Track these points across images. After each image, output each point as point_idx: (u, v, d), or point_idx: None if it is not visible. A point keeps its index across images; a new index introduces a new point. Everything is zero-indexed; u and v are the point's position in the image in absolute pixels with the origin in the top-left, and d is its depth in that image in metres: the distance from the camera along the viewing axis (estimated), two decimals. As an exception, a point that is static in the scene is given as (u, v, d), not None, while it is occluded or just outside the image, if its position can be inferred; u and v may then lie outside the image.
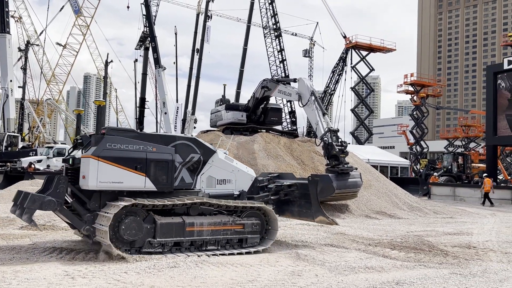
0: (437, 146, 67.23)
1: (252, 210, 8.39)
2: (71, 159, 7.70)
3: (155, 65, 38.35)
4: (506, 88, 29.00)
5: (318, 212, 8.88)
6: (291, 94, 16.76)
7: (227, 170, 8.70)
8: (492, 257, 8.58)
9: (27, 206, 6.95)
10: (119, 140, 7.41)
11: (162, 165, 7.65)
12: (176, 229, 7.46)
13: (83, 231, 7.35)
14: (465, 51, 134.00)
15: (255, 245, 8.26)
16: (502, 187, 27.73)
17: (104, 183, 7.16)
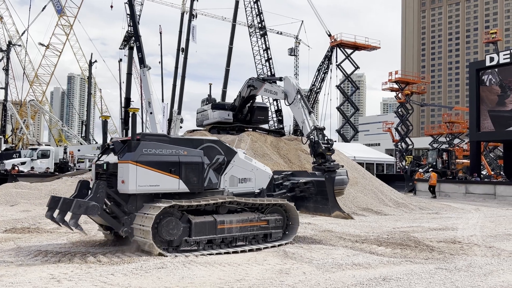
0: (422, 142, 68.03)
1: (274, 206, 8.87)
2: (105, 164, 7.93)
3: (139, 65, 37.98)
4: (496, 84, 29.41)
5: (335, 207, 9.59)
6: (277, 92, 16.73)
7: (247, 169, 9.13)
8: (476, 252, 8.71)
9: (73, 212, 7.23)
10: (154, 145, 7.79)
11: (193, 167, 8.04)
12: (208, 227, 7.86)
13: (122, 232, 7.67)
14: (448, 49, 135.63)
15: (278, 239, 8.80)
16: (486, 182, 28.14)
17: (143, 187, 7.53)
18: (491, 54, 30.18)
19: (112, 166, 7.81)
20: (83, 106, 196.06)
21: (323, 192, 9.66)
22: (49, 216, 8.05)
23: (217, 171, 8.60)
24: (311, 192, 9.85)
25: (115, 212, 7.74)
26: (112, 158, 8.06)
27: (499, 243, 9.92)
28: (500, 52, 29.58)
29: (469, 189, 26.62)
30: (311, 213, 10.12)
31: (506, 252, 8.77)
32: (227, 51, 47.24)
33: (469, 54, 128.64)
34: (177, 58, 48.84)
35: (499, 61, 28.70)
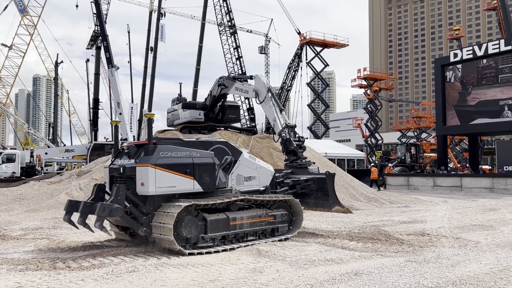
0: (391, 137, 69.36)
1: (279, 202, 9.41)
2: (122, 168, 8.31)
3: (107, 65, 37.33)
4: (457, 80, 30.25)
5: (335, 202, 10.32)
6: (248, 91, 16.76)
7: (252, 168, 9.59)
8: (444, 243, 8.95)
9: (98, 214, 7.59)
10: (169, 148, 8.18)
11: (206, 168, 8.45)
12: (222, 224, 8.27)
13: (141, 232, 7.96)
14: (414, 45, 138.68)
15: (284, 233, 9.34)
16: (453, 175, 28.95)
17: (161, 188, 7.89)
18: (455, 50, 31.03)
19: (129, 170, 8.15)
20: (50, 108, 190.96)
21: (324, 188, 10.34)
22: (67, 220, 8.42)
23: (225, 170, 9.01)
24: (311, 188, 10.51)
25: (134, 213, 8.03)
26: (127, 161, 8.36)
27: (466, 234, 10.22)
28: (463, 48, 30.46)
29: (437, 182, 27.34)
30: (312, 208, 10.65)
31: (472, 242, 9.04)
32: (197, 49, 46.96)
33: (434, 50, 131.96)
34: (146, 58, 48.28)
35: (463, 57, 29.55)
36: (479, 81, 28.94)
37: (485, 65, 28.65)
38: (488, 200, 20.00)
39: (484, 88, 28.59)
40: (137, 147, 8.43)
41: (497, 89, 27.89)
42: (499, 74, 27.82)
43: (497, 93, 27.91)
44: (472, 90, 29.19)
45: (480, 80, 28.89)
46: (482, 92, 28.68)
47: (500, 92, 27.73)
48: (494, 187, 24.84)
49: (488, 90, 28.36)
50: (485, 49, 28.36)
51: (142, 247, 8.25)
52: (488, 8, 43.43)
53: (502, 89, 27.63)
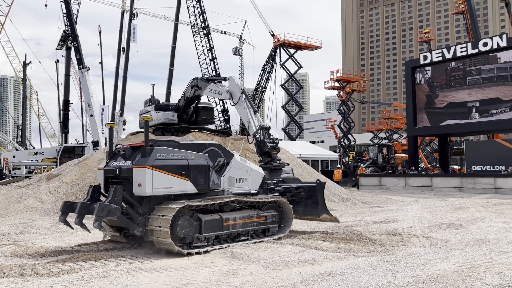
0: (364, 138, 70.39)
1: (270, 203, 9.76)
2: (118, 169, 8.44)
3: (78, 66, 36.59)
4: (425, 82, 30.92)
5: (323, 210, 10.51)
6: (221, 92, 16.68)
7: (243, 170, 9.84)
8: (415, 242, 9.12)
9: (97, 214, 7.72)
10: (166, 150, 8.36)
11: (200, 170, 8.66)
12: (216, 224, 8.52)
13: (137, 232, 8.10)
14: (385, 47, 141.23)
15: (275, 233, 9.66)
16: (423, 175, 29.58)
17: (158, 189, 8.06)
18: (425, 53, 31.74)
19: (125, 171, 8.30)
20: (18, 109, 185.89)
21: (313, 196, 10.56)
22: (63, 220, 8.61)
23: (218, 172, 9.22)
24: (301, 196, 10.70)
25: (130, 214, 8.14)
26: (123, 163, 8.51)
27: (436, 232, 10.45)
28: (433, 51, 31.20)
29: (408, 182, 27.89)
30: (300, 216, 10.80)
31: (442, 241, 9.25)
32: (170, 50, 46.57)
33: (405, 52, 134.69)
34: (118, 58, 47.58)
35: (432, 59, 30.24)
36: (448, 83, 29.68)
37: (454, 68, 29.41)
38: (457, 199, 20.52)
39: (452, 90, 29.34)
40: (132, 149, 8.61)
41: (465, 91, 28.66)
42: (467, 76, 28.60)
43: (465, 95, 28.68)
44: (441, 92, 29.91)
45: (449, 82, 29.63)
46: (451, 94, 29.42)
47: (468, 94, 28.51)
48: (463, 187, 25.51)
49: (456, 92, 29.11)
50: (453, 52, 29.11)
51: (117, 251, 8.13)
52: (456, 12, 44.65)
53: (470, 91, 28.41)
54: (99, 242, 9.22)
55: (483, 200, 19.62)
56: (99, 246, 8.94)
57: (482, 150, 29.58)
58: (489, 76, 27.47)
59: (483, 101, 27.60)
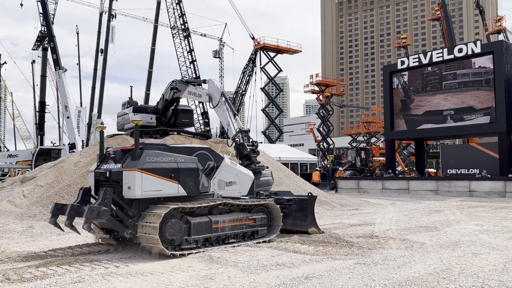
0: (342, 142, 71.11)
1: (259, 206, 9.86)
2: (108, 172, 8.51)
3: (54, 67, 35.95)
4: (402, 86, 31.40)
5: (312, 223, 10.60)
6: (201, 95, 16.61)
7: (233, 173, 10.01)
8: (392, 245, 9.22)
9: (87, 216, 7.76)
10: (155, 153, 8.42)
11: (190, 173, 8.74)
12: (205, 227, 8.62)
13: (126, 234, 8.21)
14: (364, 52, 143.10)
15: (264, 236, 9.77)
16: (400, 178, 30.01)
17: (147, 192, 8.12)
18: (402, 58, 32.24)
19: (115, 174, 8.37)
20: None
21: (304, 209, 10.62)
22: (53, 222, 8.66)
23: (207, 175, 9.36)
24: (292, 209, 10.74)
25: (120, 216, 8.24)
26: (113, 166, 8.57)
27: (412, 235, 10.59)
28: (410, 56, 31.71)
29: (386, 185, 28.25)
30: (289, 228, 10.73)
31: (418, 243, 9.38)
32: (150, 52, 46.22)
33: (383, 57, 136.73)
34: (96, 60, 46.95)
35: (409, 64, 30.75)
36: (424, 88, 30.21)
37: (430, 72, 29.96)
38: (433, 202, 20.86)
39: (429, 95, 29.87)
40: (123, 152, 8.69)
41: (441, 95, 29.21)
42: (443, 81, 29.16)
43: (441, 99, 29.23)
44: (418, 97, 30.42)
45: (425, 87, 30.17)
46: (427, 98, 29.95)
47: (444, 98, 29.07)
48: (438, 190, 25.97)
49: (432, 96, 29.65)
50: (430, 57, 29.66)
51: (92, 255, 7.99)
52: (432, 18, 45.50)
53: (446, 95, 28.97)
54: (74, 247, 9.05)
55: (458, 203, 20.01)
56: (74, 250, 8.76)
57: (457, 154, 30.21)
58: (464, 81, 28.08)
59: (458, 107, 28.17)
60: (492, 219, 13.75)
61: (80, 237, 10.57)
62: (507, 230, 11.30)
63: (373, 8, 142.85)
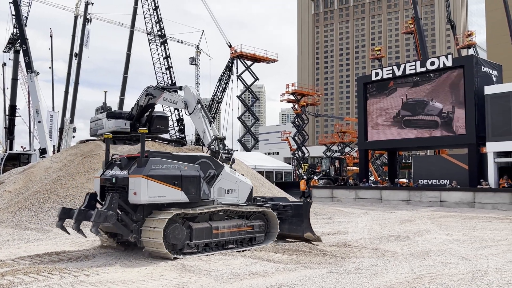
0: (317, 151, 71.69)
1: (257, 214, 10.22)
2: (114, 178, 8.90)
3: (26, 70, 35.13)
4: (376, 98, 31.93)
5: (307, 229, 10.84)
6: (177, 102, 16.52)
7: (232, 181, 10.40)
8: (364, 254, 9.32)
9: (94, 220, 8.13)
10: (160, 161, 8.82)
11: (192, 180, 9.15)
12: (206, 232, 8.99)
13: (131, 238, 8.59)
14: (339, 63, 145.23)
15: (261, 242, 10.12)
16: (373, 187, 30.43)
17: (152, 198, 8.49)
18: (376, 70, 32.85)
19: (121, 180, 8.75)
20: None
21: (300, 215, 10.91)
22: (60, 226, 9.07)
23: (208, 183, 9.75)
24: (288, 214, 11.04)
25: (125, 220, 8.59)
26: (119, 172, 8.95)
27: (384, 244, 10.74)
28: (384, 68, 32.33)
29: (359, 194, 28.59)
30: (284, 233, 11.01)
31: (390, 252, 9.51)
32: (125, 57, 45.71)
33: (357, 68, 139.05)
34: (70, 64, 46.10)
35: (383, 76, 31.35)
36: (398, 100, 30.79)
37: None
38: (405, 211, 21.22)
39: (401, 107, 30.44)
40: (128, 159, 9.09)
41: (413, 107, 29.82)
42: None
43: (412, 111, 29.83)
44: (391, 108, 30.97)
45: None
46: (400, 110, 30.50)
47: (415, 110, 29.68)
48: (410, 199, 26.44)
49: (405, 108, 30.22)
50: (403, 69, 30.30)
51: (62, 263, 7.77)
52: (406, 32, 46.62)
53: (418, 107, 29.60)
54: (42, 254, 8.81)
55: (429, 213, 20.40)
56: (42, 258, 8.53)
57: (429, 165, 30.85)
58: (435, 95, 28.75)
59: (426, 120, 28.84)
60: (462, 229, 14.08)
61: (50, 244, 10.30)
62: (476, 240, 11.58)
63: (348, 20, 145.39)
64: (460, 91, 27.32)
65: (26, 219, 13.21)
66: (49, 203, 13.95)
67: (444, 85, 28.27)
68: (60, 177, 15.51)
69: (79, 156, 17.57)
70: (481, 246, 10.51)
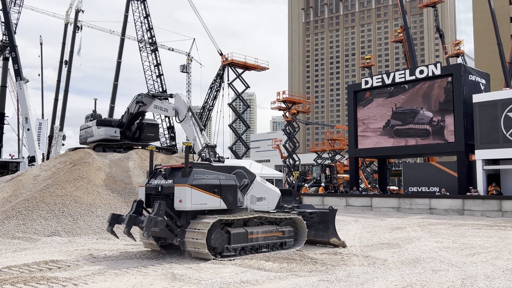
0: (308, 158, 71.90)
1: (287, 220, 10.91)
2: (160, 186, 9.77)
3: (15, 77, 34.90)
4: (366, 105, 32.15)
5: (333, 234, 11.52)
6: (167, 109, 16.51)
7: (263, 190, 11.09)
8: (355, 261, 9.32)
9: (146, 225, 8.98)
10: (202, 171, 9.70)
11: (229, 189, 9.97)
12: (242, 237, 9.75)
13: (176, 242, 9.42)
14: (330, 71, 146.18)
15: (291, 247, 10.82)
16: (364, 195, 30.51)
17: (195, 205, 9.37)
18: (366, 78, 33.08)
19: (166, 188, 9.62)
20: None
21: (325, 221, 11.57)
22: (110, 231, 9.89)
23: (242, 191, 10.46)
24: (314, 221, 11.63)
25: (170, 225, 9.39)
26: (163, 181, 9.80)
27: (375, 252, 10.76)
28: (374, 76, 32.58)
29: (349, 201, 28.64)
30: (311, 238, 11.58)
31: (380, 260, 9.52)
32: (116, 65, 45.63)
33: (348, 77, 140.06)
34: (60, 71, 45.98)
35: (373, 84, 31.57)
36: (387, 108, 31.01)
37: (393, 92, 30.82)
38: (395, 219, 21.28)
39: (391, 115, 30.66)
40: (172, 170, 9.97)
41: (403, 115, 30.06)
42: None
43: (402, 119, 30.07)
44: (381, 116, 31.19)
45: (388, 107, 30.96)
46: (390, 118, 30.73)
47: (405, 118, 29.92)
48: (400, 207, 26.54)
49: (395, 116, 30.46)
50: (392, 77, 30.55)
51: (51, 272, 7.65)
52: (395, 40, 47.11)
53: (407, 115, 29.85)
54: (30, 264, 8.69)
55: (419, 220, 20.49)
56: (30, 267, 8.41)
57: (419, 172, 31.03)
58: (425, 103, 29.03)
59: (417, 129, 29.08)
60: (451, 236, 14.15)
61: (38, 253, 10.17)
62: (465, 247, 11.65)
63: (338, 29, 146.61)
64: (449, 99, 27.60)
65: (13, 228, 13.03)
66: (38, 212, 13.79)
67: (433, 93, 28.55)
68: (49, 186, 15.35)
69: (68, 164, 17.42)
70: (470, 253, 10.57)
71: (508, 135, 24.16)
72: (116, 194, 15.42)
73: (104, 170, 16.62)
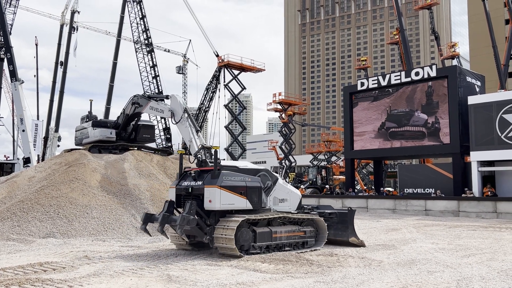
0: (304, 160, 71.96)
1: (308, 220, 11.39)
2: (190, 188, 10.43)
3: (11, 78, 34.77)
4: (360, 107, 32.24)
5: (352, 234, 11.99)
6: (163, 111, 16.46)
7: (285, 191, 11.64)
8: (351, 263, 9.33)
9: (180, 223, 9.61)
10: (229, 174, 10.33)
11: (255, 190, 10.55)
12: (267, 236, 10.32)
13: (205, 240, 9.99)
14: (326, 73, 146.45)
15: (311, 246, 11.30)
16: (359, 196, 30.57)
17: (224, 205, 9.99)
18: (362, 80, 33.17)
19: (197, 189, 10.27)
20: None
21: (344, 221, 12.08)
22: (143, 229, 10.62)
23: (266, 193, 11.01)
24: (333, 221, 12.12)
25: (200, 224, 9.93)
26: (193, 183, 10.45)
27: (370, 253, 10.77)
28: (369, 78, 32.67)
29: (345, 203, 28.66)
30: (331, 238, 11.95)
31: (376, 261, 9.54)
32: (111, 66, 45.52)
33: (344, 78, 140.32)
34: (55, 72, 45.80)
35: (369, 86, 31.66)
36: (383, 109, 31.10)
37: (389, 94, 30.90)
38: (391, 220, 21.33)
39: (387, 116, 30.75)
40: (200, 172, 10.67)
41: (398, 117, 30.15)
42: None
43: (398, 121, 30.16)
44: (376, 117, 31.26)
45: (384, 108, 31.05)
46: (385, 120, 30.81)
47: (400, 120, 30.02)
48: (396, 208, 26.61)
49: (390, 118, 30.54)
50: (388, 79, 30.65)
51: (45, 274, 7.61)
52: (391, 42, 47.27)
53: (403, 117, 29.94)
54: (25, 266, 8.65)
55: (415, 222, 20.54)
56: (25, 269, 8.37)
57: (414, 174, 31.10)
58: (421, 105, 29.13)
59: (411, 130, 29.17)
60: (447, 238, 14.20)
61: (32, 255, 10.12)
62: (460, 248, 11.69)
63: (334, 31, 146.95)
64: (444, 101, 27.70)
65: (8, 230, 12.96)
66: (33, 213, 13.72)
67: (429, 95, 28.64)
68: (44, 187, 15.28)
69: (63, 165, 17.35)
70: (465, 255, 10.61)
71: (503, 136, 24.27)
72: (112, 196, 15.37)
73: (100, 171, 16.56)
